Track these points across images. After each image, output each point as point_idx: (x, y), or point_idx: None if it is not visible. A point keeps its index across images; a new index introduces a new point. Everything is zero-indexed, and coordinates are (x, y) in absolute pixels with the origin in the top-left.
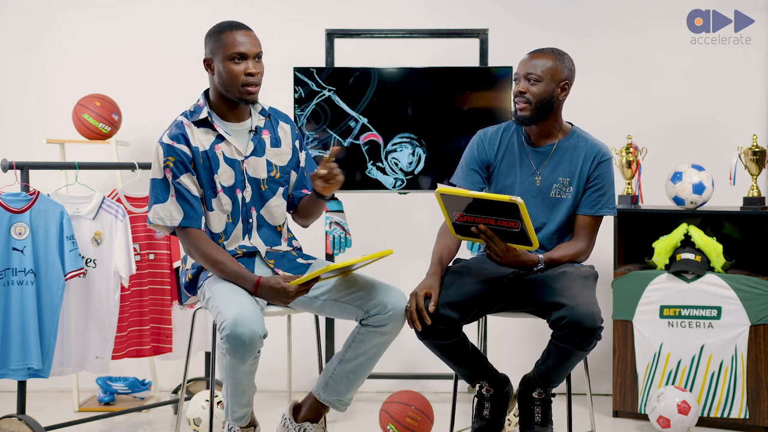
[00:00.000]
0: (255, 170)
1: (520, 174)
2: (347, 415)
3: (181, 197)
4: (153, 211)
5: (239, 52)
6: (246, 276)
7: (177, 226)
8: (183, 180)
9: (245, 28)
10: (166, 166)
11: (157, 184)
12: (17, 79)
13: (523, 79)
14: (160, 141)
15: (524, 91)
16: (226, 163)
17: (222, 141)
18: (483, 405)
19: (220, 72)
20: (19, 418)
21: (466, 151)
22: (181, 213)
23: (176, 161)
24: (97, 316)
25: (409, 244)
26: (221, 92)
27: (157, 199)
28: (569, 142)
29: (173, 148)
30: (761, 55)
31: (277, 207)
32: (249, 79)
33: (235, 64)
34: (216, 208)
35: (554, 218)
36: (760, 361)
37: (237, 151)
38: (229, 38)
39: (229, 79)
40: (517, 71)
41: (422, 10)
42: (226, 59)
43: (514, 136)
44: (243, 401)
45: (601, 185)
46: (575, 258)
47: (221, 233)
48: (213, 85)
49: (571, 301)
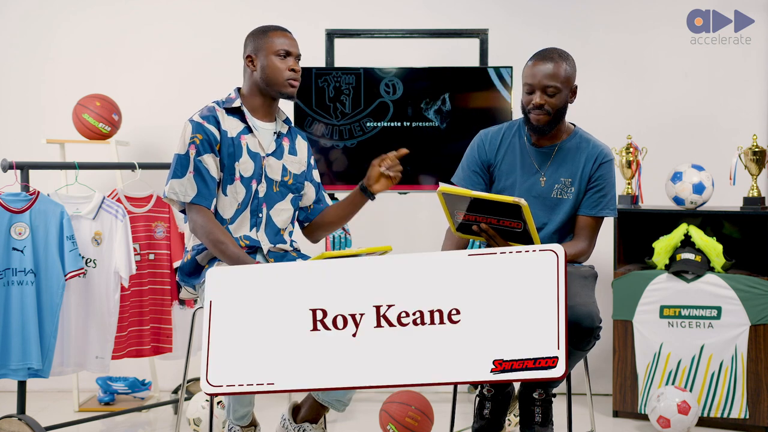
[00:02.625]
0: (272, 170)
1: (521, 174)
2: (347, 415)
3: (199, 175)
4: (170, 185)
5: (285, 50)
6: (245, 260)
7: (188, 202)
8: (205, 158)
9: (288, 31)
10: (192, 142)
11: (178, 159)
12: (17, 79)
13: (541, 91)
14: (190, 119)
15: (543, 104)
16: (249, 155)
17: (249, 133)
18: (484, 405)
19: (264, 67)
20: (19, 418)
21: (467, 151)
22: (195, 190)
23: (203, 140)
24: (97, 316)
25: (409, 244)
26: (260, 87)
27: (175, 173)
28: (571, 143)
29: (203, 126)
30: (761, 55)
31: (284, 211)
32: (293, 74)
33: (281, 60)
34: (230, 194)
35: (555, 218)
36: (760, 361)
37: (260, 146)
38: (277, 37)
39: (274, 73)
40: (531, 82)
41: (422, 10)
42: (273, 54)
43: (515, 137)
44: (244, 400)
45: (602, 186)
46: (576, 258)
47: (229, 219)
48: (252, 81)
49: (570, 301)
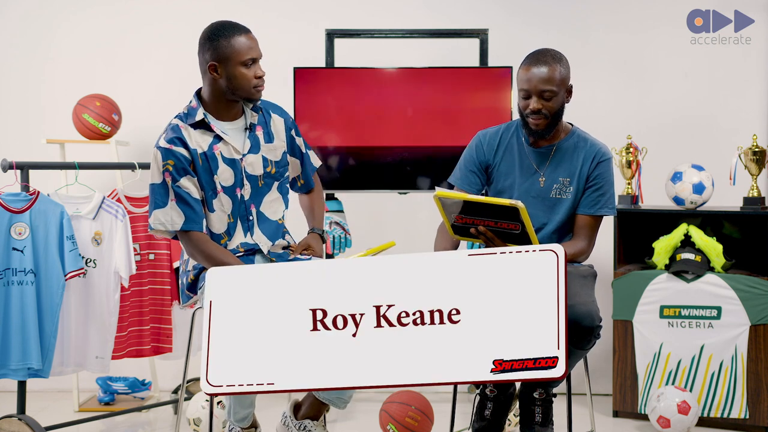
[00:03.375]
0: (253, 167)
1: (519, 175)
2: (347, 414)
3: (181, 200)
4: (154, 216)
5: (252, 57)
6: None
7: (179, 230)
8: (183, 183)
9: (248, 30)
10: (165, 170)
11: (156, 189)
12: (17, 79)
13: (537, 96)
14: (157, 145)
15: (541, 108)
16: (225, 162)
17: (220, 141)
18: (485, 405)
19: (231, 76)
20: (19, 418)
21: (465, 151)
22: (182, 217)
23: (175, 165)
24: (97, 316)
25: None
26: (225, 94)
27: (157, 204)
28: (569, 143)
29: (171, 151)
30: (761, 55)
31: (274, 201)
32: (259, 81)
33: (248, 68)
34: (217, 209)
35: (554, 218)
36: (760, 361)
37: (235, 150)
38: (241, 44)
39: (242, 83)
40: (527, 87)
41: (422, 10)
42: (240, 65)
43: (513, 137)
44: (246, 401)
45: (600, 185)
46: (575, 258)
47: (224, 233)
48: (214, 87)
49: (570, 301)
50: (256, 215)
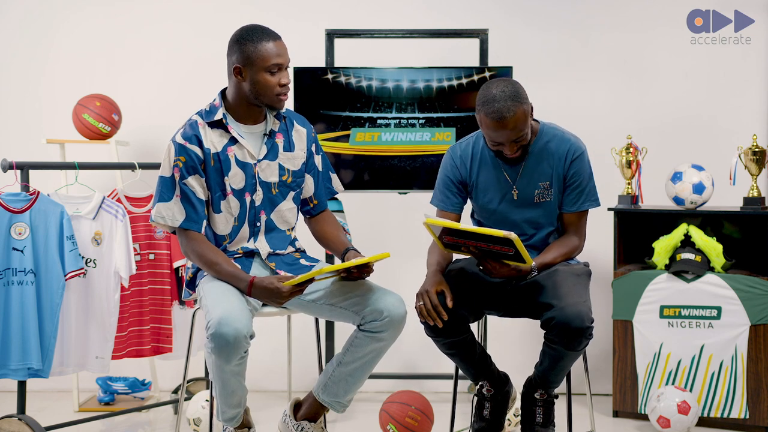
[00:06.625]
0: (267, 174)
1: (498, 189)
2: (347, 415)
3: (186, 199)
4: (156, 208)
5: (277, 64)
6: (240, 276)
7: (178, 227)
8: (190, 181)
9: (278, 37)
10: (175, 165)
11: (164, 182)
12: (17, 79)
13: (509, 143)
14: (173, 139)
15: (515, 147)
16: (238, 166)
17: (235, 144)
18: (483, 405)
19: (255, 81)
20: (19, 418)
21: (440, 171)
22: (183, 214)
23: (186, 162)
24: (97, 316)
25: (409, 244)
26: (248, 98)
27: (161, 197)
28: (539, 145)
29: (185, 148)
30: (761, 55)
31: (288, 211)
32: (283, 89)
33: (272, 75)
34: (224, 210)
35: (545, 219)
36: (760, 361)
37: (250, 155)
38: (268, 49)
39: (265, 90)
40: (498, 140)
41: (422, 10)
42: (264, 71)
43: (485, 150)
44: (232, 402)
45: (578, 181)
46: (569, 256)
47: (227, 235)
48: (238, 90)
49: (560, 302)
50: (264, 222)
